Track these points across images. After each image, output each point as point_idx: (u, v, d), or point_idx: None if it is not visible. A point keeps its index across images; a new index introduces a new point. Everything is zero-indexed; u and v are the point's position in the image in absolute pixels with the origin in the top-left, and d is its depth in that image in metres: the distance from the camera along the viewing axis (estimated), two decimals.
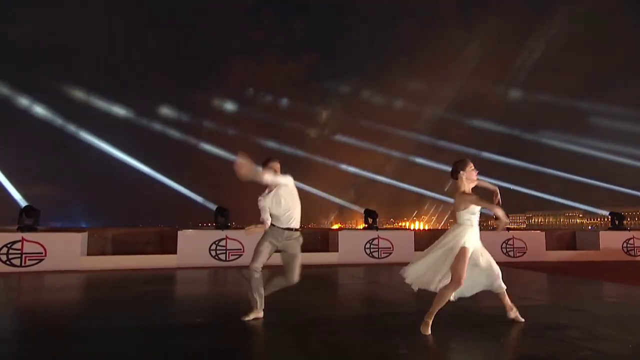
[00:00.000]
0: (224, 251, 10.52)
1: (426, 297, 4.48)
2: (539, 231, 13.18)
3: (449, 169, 4.56)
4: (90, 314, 5.22)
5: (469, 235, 4.26)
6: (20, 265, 9.12)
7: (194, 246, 10.40)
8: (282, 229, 4.77)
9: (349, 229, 14.29)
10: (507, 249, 12.28)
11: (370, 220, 12.09)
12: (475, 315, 5.09)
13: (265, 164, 4.83)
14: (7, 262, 9.05)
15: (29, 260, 9.20)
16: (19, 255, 9.15)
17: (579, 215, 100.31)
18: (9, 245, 9.10)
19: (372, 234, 11.68)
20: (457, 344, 3.88)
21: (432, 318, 4.15)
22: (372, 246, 11.57)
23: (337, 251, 11.36)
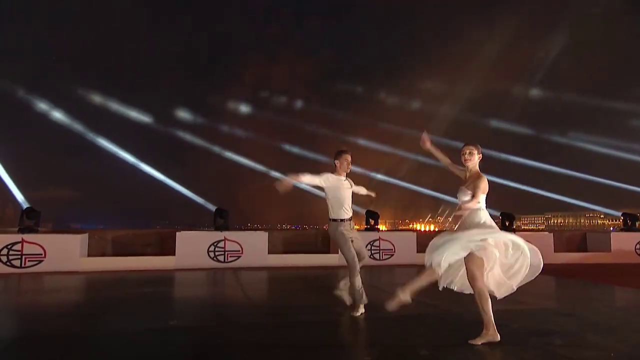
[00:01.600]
0: (223, 252, 10.49)
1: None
2: (546, 232, 12.82)
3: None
4: (73, 316, 5.22)
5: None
6: (20, 266, 9.24)
7: (192, 247, 10.39)
8: (348, 220, 4.97)
9: None
10: None
11: (371, 222, 11.92)
12: (457, 317, 4.92)
13: (338, 155, 5.05)
14: (7, 263, 9.18)
15: (28, 261, 9.31)
16: (19, 257, 9.27)
17: (599, 216, 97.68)
18: (9, 247, 9.23)
19: (373, 235, 11.51)
20: (427, 349, 3.73)
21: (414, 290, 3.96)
22: (373, 248, 11.40)
23: (338, 253, 11.21)
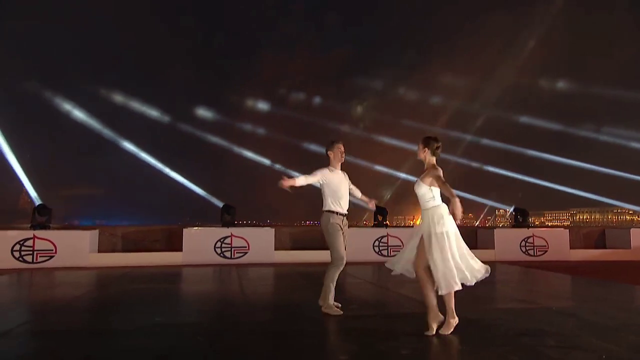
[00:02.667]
0: (229, 249, 10.54)
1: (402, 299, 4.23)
2: (561, 228, 12.43)
3: (488, 169, 4.33)
4: (63, 312, 5.30)
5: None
6: (32, 262, 9.48)
7: (199, 244, 10.49)
8: (344, 215, 4.87)
9: (356, 226, 13.99)
10: (527, 247, 11.63)
11: (379, 218, 11.78)
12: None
13: (330, 146, 4.89)
14: (20, 259, 9.44)
15: (40, 256, 9.55)
16: (31, 252, 9.51)
17: (629, 212, 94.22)
18: (21, 242, 9.49)
19: (381, 231, 11.38)
20: (407, 349, 3.61)
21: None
22: (381, 244, 11.27)
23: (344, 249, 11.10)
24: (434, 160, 4.15)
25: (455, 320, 3.99)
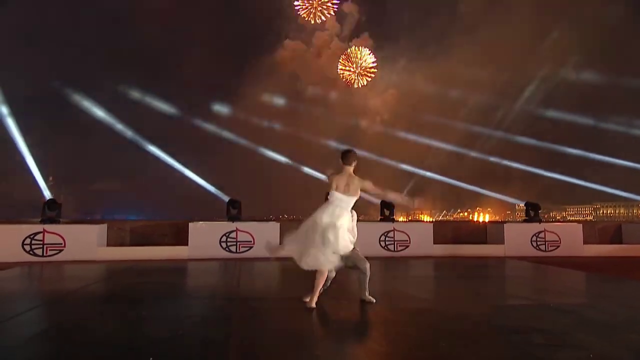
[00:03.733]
0: (235, 243, 10.57)
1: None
2: (575, 223, 12.08)
3: (510, 164, 4.36)
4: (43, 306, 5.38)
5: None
6: (42, 255, 9.69)
7: (204, 238, 10.54)
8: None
9: (362, 220, 13.82)
10: (538, 243, 11.34)
11: (386, 212, 11.65)
12: (440, 315, 4.67)
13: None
14: (31, 252, 9.65)
15: (50, 250, 9.75)
16: (41, 246, 9.72)
17: None
18: (31, 237, 9.70)
19: (387, 226, 11.25)
20: (380, 344, 3.54)
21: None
22: (387, 239, 11.15)
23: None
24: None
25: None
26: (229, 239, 10.59)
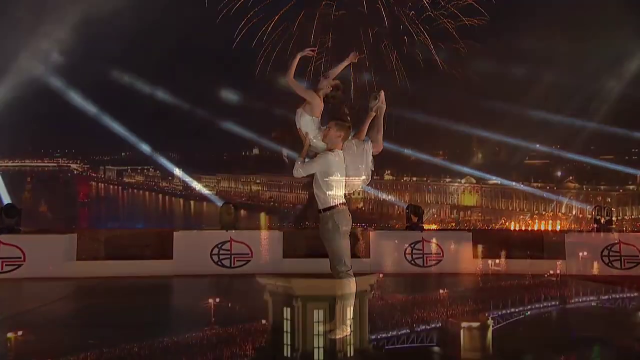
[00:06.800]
0: (228, 256, 8.80)
1: None
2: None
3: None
4: None
5: None
6: None
7: (193, 250, 8.88)
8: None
9: (385, 228, 11.93)
10: (611, 258, 9.00)
11: (414, 219, 9.65)
12: None
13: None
14: None
15: (6, 265, 8.20)
16: None
17: None
18: None
19: (415, 235, 9.25)
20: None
21: None
22: (414, 251, 9.15)
23: (369, 257, 9.10)
24: None
25: None
26: (221, 251, 8.81)
